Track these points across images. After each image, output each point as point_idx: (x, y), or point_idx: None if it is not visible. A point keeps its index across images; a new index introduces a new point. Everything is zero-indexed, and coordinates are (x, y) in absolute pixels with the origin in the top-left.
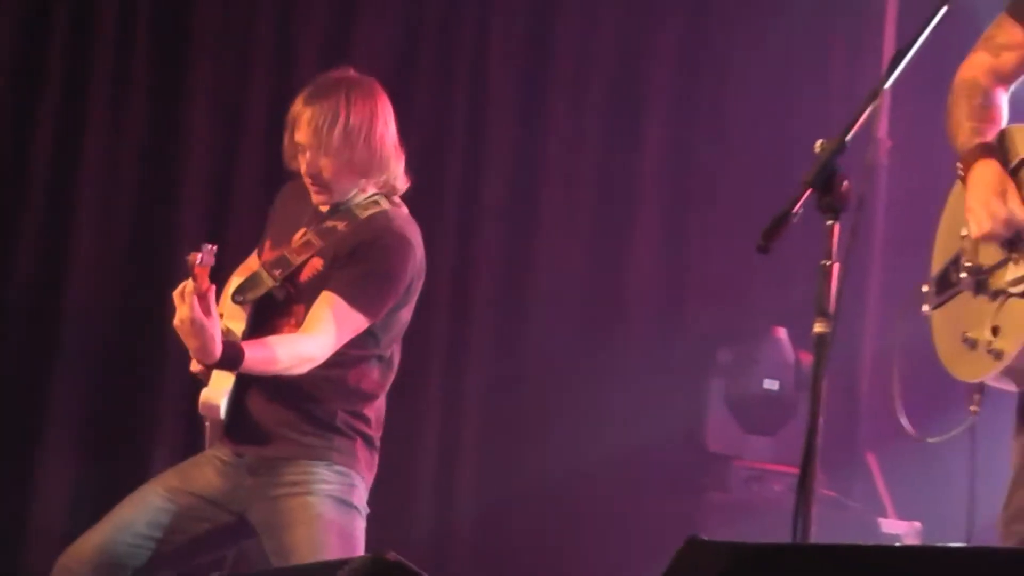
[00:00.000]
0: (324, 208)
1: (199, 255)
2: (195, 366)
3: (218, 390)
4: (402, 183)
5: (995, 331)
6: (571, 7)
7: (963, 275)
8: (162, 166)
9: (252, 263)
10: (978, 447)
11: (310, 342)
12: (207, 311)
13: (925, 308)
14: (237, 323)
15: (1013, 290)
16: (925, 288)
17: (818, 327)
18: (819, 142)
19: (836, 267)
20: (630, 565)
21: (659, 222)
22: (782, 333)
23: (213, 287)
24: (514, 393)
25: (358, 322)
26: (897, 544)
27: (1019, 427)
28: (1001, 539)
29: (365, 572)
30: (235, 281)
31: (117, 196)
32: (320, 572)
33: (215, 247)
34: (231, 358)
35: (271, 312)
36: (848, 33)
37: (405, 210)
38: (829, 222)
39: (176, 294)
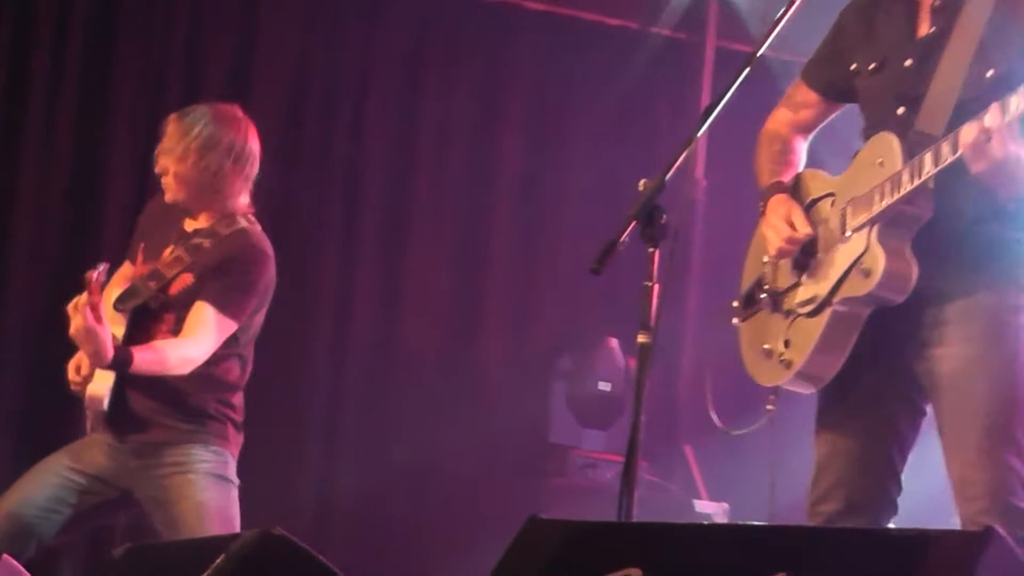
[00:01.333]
0: (187, 223)
1: (96, 272)
2: (73, 376)
3: (102, 386)
4: (244, 207)
5: (787, 344)
6: (432, 78)
7: (763, 296)
8: (87, 187)
9: (126, 271)
10: (778, 440)
11: (193, 346)
12: (99, 319)
13: (735, 321)
14: (117, 328)
15: (801, 310)
16: (735, 304)
17: (641, 338)
18: (642, 181)
19: (656, 288)
20: (481, 539)
21: (513, 249)
22: (614, 343)
23: (103, 298)
24: (388, 390)
25: (229, 326)
26: (707, 522)
27: (818, 428)
28: (808, 518)
29: (254, 545)
30: (115, 292)
31: (46, 218)
32: (213, 545)
33: (108, 265)
34: (122, 360)
35: (146, 319)
36: (671, 89)
37: (259, 227)
38: (650, 250)
39: (70, 307)
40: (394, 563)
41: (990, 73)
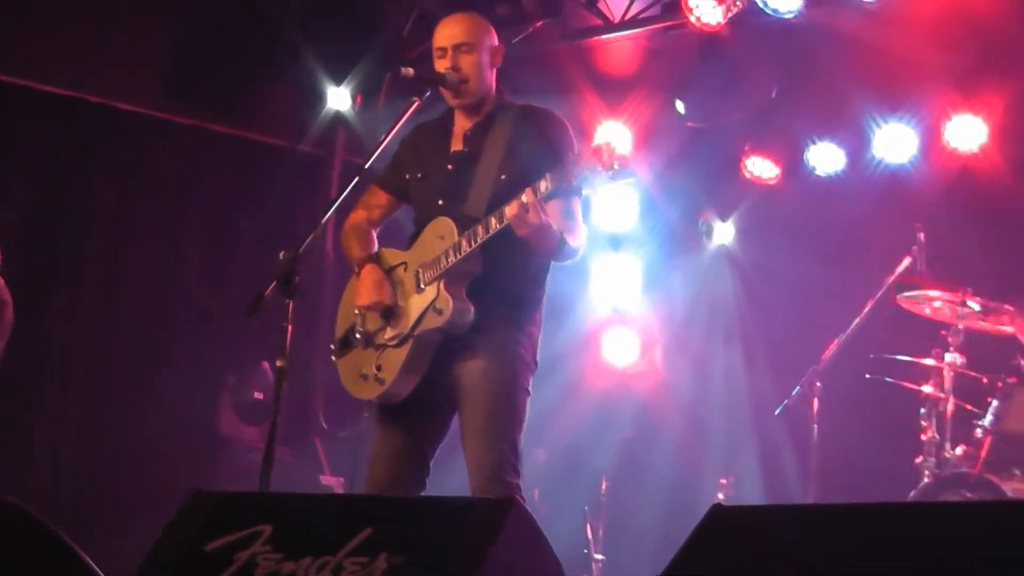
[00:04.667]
0: None
1: None
2: None
3: None
4: None
5: (379, 368)
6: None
7: (358, 336)
8: None
9: None
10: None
11: None
12: None
13: (333, 358)
14: None
15: (390, 343)
16: (332, 346)
17: (279, 362)
18: (283, 252)
19: (290, 328)
20: (164, 507)
21: (199, 298)
22: (266, 364)
23: None
24: (103, 392)
25: None
26: (331, 492)
27: (376, 427)
28: (366, 492)
29: None
30: None
31: None
32: None
33: None
34: None
35: None
36: (312, 188)
37: (2, 280)
38: (287, 301)
39: None
40: (104, 526)
41: (504, 178)
